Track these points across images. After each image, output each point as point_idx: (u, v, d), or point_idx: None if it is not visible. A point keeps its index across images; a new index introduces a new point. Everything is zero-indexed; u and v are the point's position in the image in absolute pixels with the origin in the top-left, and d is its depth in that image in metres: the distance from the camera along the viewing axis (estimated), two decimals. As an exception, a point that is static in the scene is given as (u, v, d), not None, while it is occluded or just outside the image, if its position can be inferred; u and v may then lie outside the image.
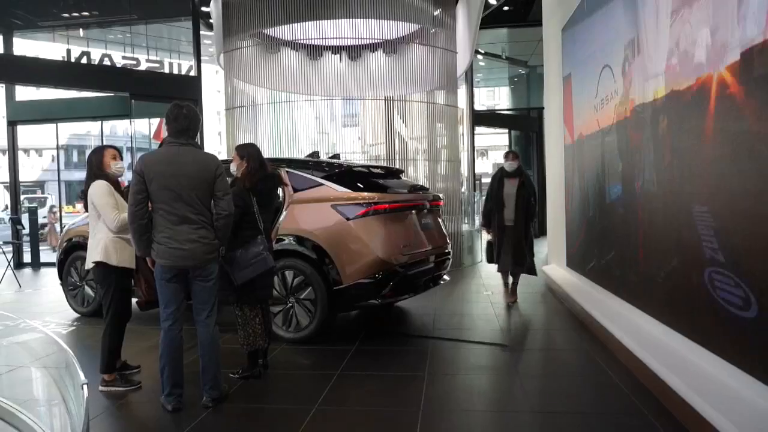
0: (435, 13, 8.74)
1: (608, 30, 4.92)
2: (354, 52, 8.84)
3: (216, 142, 27.67)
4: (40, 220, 12.79)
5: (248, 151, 3.79)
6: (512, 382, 3.60)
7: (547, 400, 3.35)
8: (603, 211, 5.21)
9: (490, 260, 6.05)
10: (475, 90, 14.20)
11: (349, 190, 4.58)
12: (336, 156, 6.11)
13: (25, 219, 10.71)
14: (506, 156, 5.91)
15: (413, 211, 4.87)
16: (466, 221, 10.20)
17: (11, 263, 8.76)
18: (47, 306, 6.39)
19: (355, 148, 9.93)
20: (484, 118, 15.68)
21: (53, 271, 6.75)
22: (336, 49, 8.86)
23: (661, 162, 3.70)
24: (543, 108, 12.59)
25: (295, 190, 4.71)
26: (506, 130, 16.69)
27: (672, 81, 3.46)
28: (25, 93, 11.18)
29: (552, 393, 3.45)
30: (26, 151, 29.89)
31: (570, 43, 6.46)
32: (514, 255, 5.73)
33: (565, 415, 3.08)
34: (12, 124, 10.36)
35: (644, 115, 4.02)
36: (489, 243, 6.08)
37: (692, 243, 3.18)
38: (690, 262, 3.24)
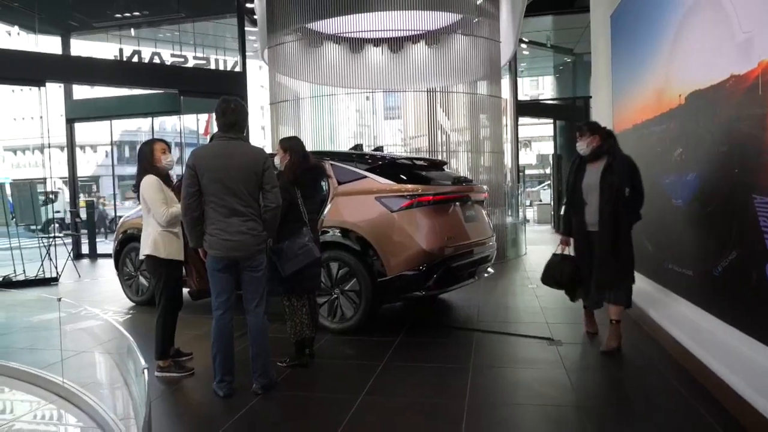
0: (478, 2, 8.61)
1: (659, 13, 4.73)
2: (396, 44, 8.82)
3: (260, 136, 28.24)
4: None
5: (291, 144, 3.86)
6: (559, 376, 3.53)
7: (595, 394, 3.28)
8: (656, 203, 5.03)
9: (546, 281, 4.28)
10: (519, 80, 13.92)
11: (393, 182, 4.60)
12: (379, 148, 6.13)
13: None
14: (577, 133, 4.09)
15: (457, 203, 4.84)
16: (510, 213, 10.06)
17: (71, 254, 9.22)
18: (105, 295, 6.69)
19: (397, 141, 9.95)
20: (528, 109, 15.38)
21: (109, 262, 7.07)
22: (377, 42, 8.87)
23: (716, 151, 3.55)
24: (590, 97, 12.24)
25: (340, 183, 4.76)
26: (551, 120, 16.33)
27: (731, 66, 3.30)
28: (81, 92, 11.69)
29: (599, 387, 3.38)
30: (82, 147, 31.33)
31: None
32: (597, 277, 3.93)
33: (613, 409, 3.01)
34: (70, 122, 10.86)
35: (699, 104, 3.85)
36: (552, 258, 4.28)
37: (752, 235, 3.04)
38: (750, 256, 3.09)
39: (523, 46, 14.22)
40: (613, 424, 2.87)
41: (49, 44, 11.06)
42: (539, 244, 10.92)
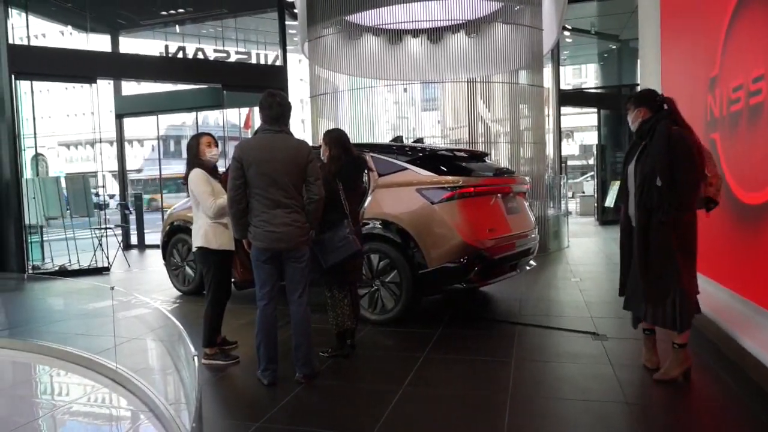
0: (520, -10, 8.43)
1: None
2: (435, 34, 8.73)
3: (300, 129, 28.57)
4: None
5: (330, 137, 3.89)
6: (604, 371, 3.45)
7: (643, 391, 3.19)
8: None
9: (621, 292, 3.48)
10: (561, 68, 13.58)
11: (434, 174, 4.57)
12: (420, 140, 6.10)
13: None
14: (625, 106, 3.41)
15: (499, 195, 4.78)
16: (552, 205, 9.86)
17: (121, 245, 9.59)
18: (153, 284, 6.93)
19: (435, 132, 9.88)
20: (571, 98, 15.00)
21: (157, 252, 7.32)
22: (416, 32, 8.80)
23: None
24: (637, 84, 11.83)
25: (380, 175, 4.76)
26: (595, 110, 15.87)
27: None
28: (129, 88, 12.09)
29: (648, 384, 3.28)
30: (130, 141, 32.40)
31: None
32: (643, 283, 3.18)
33: (663, 407, 2.92)
34: (119, 117, 11.26)
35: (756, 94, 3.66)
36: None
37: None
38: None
39: (566, 33, 13.85)
40: (662, 423, 2.78)
41: (99, 42, 11.47)
42: (582, 237, 10.67)
